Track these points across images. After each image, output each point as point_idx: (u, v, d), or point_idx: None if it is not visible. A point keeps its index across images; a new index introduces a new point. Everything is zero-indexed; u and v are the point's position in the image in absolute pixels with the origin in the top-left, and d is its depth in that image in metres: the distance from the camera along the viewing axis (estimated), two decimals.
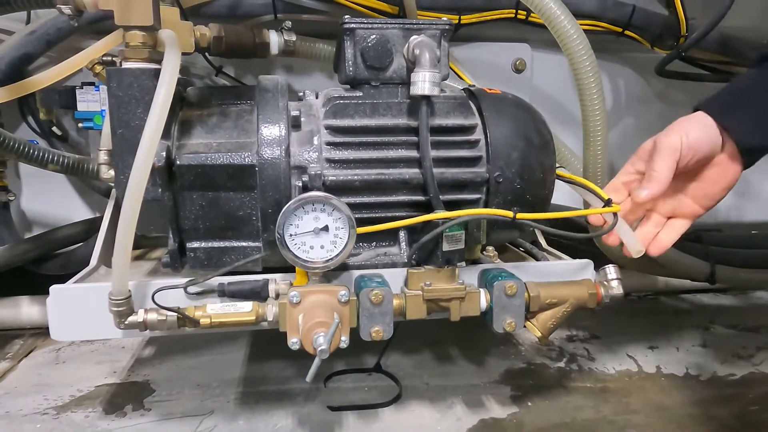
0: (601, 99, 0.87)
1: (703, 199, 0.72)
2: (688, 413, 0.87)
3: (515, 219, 0.70)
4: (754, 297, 1.41)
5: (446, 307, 0.70)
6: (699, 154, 0.67)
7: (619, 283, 0.76)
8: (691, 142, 0.66)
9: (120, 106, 0.69)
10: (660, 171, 0.67)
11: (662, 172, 0.67)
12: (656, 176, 0.67)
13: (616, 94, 1.26)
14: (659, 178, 0.67)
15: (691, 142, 0.66)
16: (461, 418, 0.85)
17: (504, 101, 0.82)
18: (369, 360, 1.01)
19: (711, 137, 0.67)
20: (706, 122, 0.67)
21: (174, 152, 0.70)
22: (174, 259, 0.74)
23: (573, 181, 0.83)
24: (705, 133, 0.67)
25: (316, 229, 0.66)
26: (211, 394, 0.91)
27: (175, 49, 0.65)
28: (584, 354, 1.07)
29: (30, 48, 0.97)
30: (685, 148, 0.66)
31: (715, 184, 0.70)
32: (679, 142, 0.66)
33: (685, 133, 0.67)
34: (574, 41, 0.85)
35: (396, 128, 0.77)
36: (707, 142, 0.67)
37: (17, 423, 0.83)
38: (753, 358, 1.06)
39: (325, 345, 0.59)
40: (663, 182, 0.67)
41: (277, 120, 0.73)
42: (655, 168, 0.68)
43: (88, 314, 0.70)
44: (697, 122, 0.67)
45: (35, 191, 1.14)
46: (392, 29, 0.76)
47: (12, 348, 1.10)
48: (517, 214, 0.70)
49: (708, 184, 0.71)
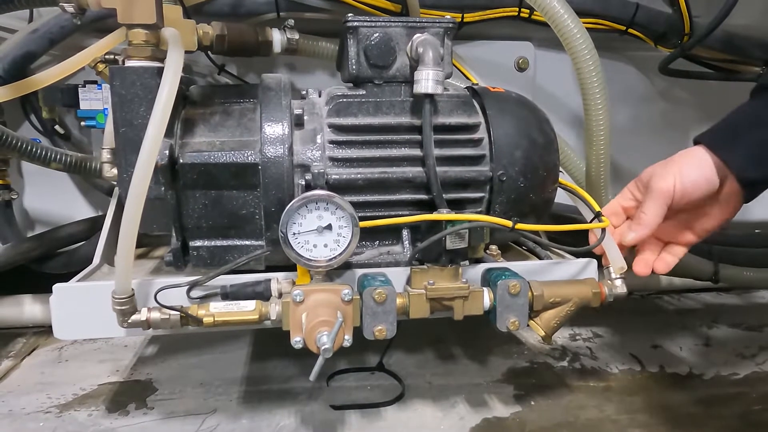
0: (605, 98, 0.87)
1: (701, 231, 0.73)
2: (691, 412, 0.87)
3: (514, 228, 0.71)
4: (757, 296, 1.41)
5: (449, 306, 0.70)
6: (694, 195, 0.67)
7: (622, 282, 0.76)
8: (685, 185, 0.67)
9: (123, 105, 0.69)
10: (648, 215, 0.69)
11: (650, 216, 0.69)
12: (644, 219, 0.69)
13: (618, 92, 1.25)
14: (647, 221, 0.69)
15: (685, 186, 0.67)
16: (464, 417, 0.85)
17: (507, 100, 0.82)
18: (371, 359, 1.01)
19: (708, 177, 0.67)
20: (703, 161, 0.67)
21: (177, 151, 0.70)
22: (177, 257, 0.74)
23: (568, 188, 0.83)
24: (701, 174, 0.66)
25: (320, 228, 0.66)
26: (213, 393, 0.91)
27: (178, 47, 0.65)
28: (587, 353, 1.07)
29: (32, 46, 0.97)
30: (678, 192, 0.67)
31: (714, 218, 0.71)
32: (672, 187, 0.67)
33: (680, 174, 0.67)
34: (577, 40, 0.85)
35: (399, 127, 0.76)
36: (704, 184, 0.67)
37: (20, 421, 0.84)
38: (756, 357, 1.06)
39: (329, 344, 0.59)
40: (650, 226, 0.69)
41: (280, 118, 0.73)
42: (645, 210, 0.69)
43: (91, 313, 0.69)
44: (695, 161, 0.67)
45: (38, 190, 1.14)
46: (395, 27, 0.76)
47: (15, 346, 1.10)
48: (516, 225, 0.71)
49: (706, 219, 0.72)
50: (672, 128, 1.30)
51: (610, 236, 0.75)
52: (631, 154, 1.28)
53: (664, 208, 0.68)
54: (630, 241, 0.72)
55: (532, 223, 0.82)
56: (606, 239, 0.74)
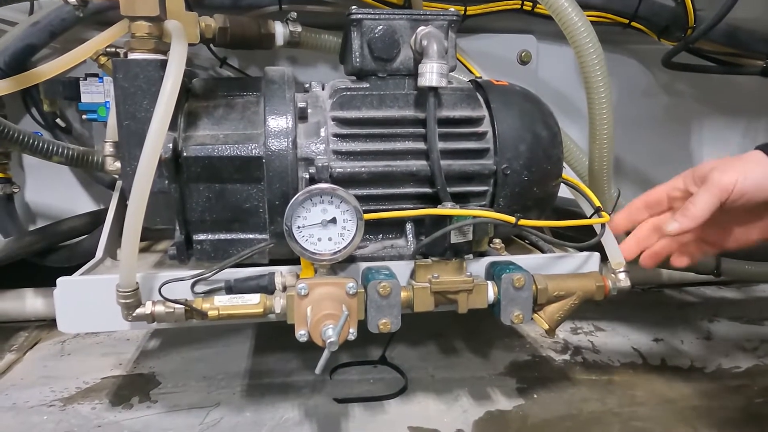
0: (608, 92, 0.87)
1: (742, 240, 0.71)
2: (693, 405, 0.87)
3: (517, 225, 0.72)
4: (758, 290, 1.41)
5: (454, 300, 0.70)
6: (753, 199, 0.63)
7: (626, 276, 0.76)
8: (746, 186, 0.63)
9: (126, 98, 0.69)
10: (698, 207, 0.64)
11: (700, 209, 0.64)
12: (692, 211, 0.65)
13: (621, 86, 1.25)
14: (695, 214, 0.64)
15: (746, 187, 0.63)
16: (467, 410, 0.85)
17: (511, 93, 0.81)
18: (374, 352, 1.01)
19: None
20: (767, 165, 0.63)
21: (180, 144, 0.70)
22: (180, 251, 0.74)
23: (569, 182, 0.83)
24: (765, 179, 0.63)
25: (324, 221, 0.66)
26: (216, 386, 0.92)
27: (181, 40, 0.65)
28: (589, 346, 1.08)
29: (33, 39, 0.96)
30: (737, 191, 0.63)
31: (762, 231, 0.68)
32: (734, 183, 0.63)
33: (743, 172, 0.63)
34: (581, 33, 0.84)
35: (403, 120, 0.76)
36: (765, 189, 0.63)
37: (24, 414, 0.84)
38: (757, 350, 1.06)
39: (335, 337, 0.59)
40: (697, 219, 0.64)
41: (284, 111, 0.73)
42: (695, 202, 0.65)
43: (95, 306, 0.69)
44: (762, 165, 0.63)
45: (39, 183, 1.14)
46: (399, 20, 0.75)
47: (17, 340, 1.10)
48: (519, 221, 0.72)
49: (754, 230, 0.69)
50: (674, 122, 1.30)
51: (610, 231, 0.75)
52: (634, 148, 1.28)
53: (716, 204, 0.63)
54: (672, 231, 0.66)
55: (536, 217, 0.83)
56: (606, 234, 0.74)
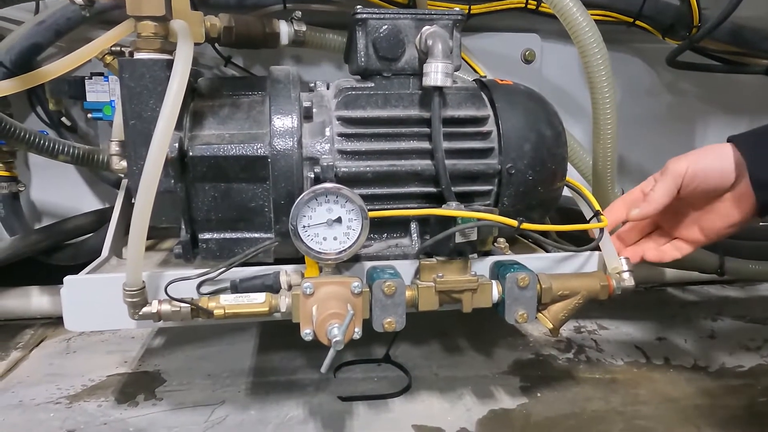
0: (612, 91, 0.87)
1: (709, 231, 0.73)
2: (696, 404, 0.88)
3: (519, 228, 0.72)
4: (761, 289, 1.41)
5: (458, 299, 0.71)
6: (704, 184, 0.69)
7: (630, 275, 0.76)
8: (696, 170, 0.68)
9: (132, 97, 0.69)
10: (657, 193, 0.71)
11: (658, 194, 0.71)
12: (651, 196, 0.71)
13: (625, 85, 1.25)
14: (654, 199, 0.71)
15: (696, 171, 0.68)
16: (471, 408, 0.86)
17: (516, 92, 0.81)
18: (377, 351, 1.02)
19: (723, 169, 0.68)
20: (724, 154, 0.68)
21: (186, 143, 0.70)
22: (186, 250, 0.74)
23: (570, 185, 0.84)
24: (717, 164, 0.68)
25: (329, 221, 0.66)
26: (221, 384, 0.92)
27: (187, 39, 0.65)
28: (592, 345, 1.08)
29: (39, 38, 0.97)
30: (689, 175, 0.69)
31: (723, 219, 0.71)
32: (684, 169, 0.69)
33: (695, 160, 0.69)
34: (585, 32, 0.85)
35: (408, 119, 0.76)
36: (717, 174, 0.68)
37: (31, 412, 0.84)
38: (761, 349, 1.06)
39: (340, 336, 0.60)
40: (656, 204, 0.71)
41: (290, 111, 0.73)
42: (655, 189, 0.71)
43: (101, 305, 0.70)
44: (715, 152, 0.69)
45: (44, 182, 1.14)
46: (404, 19, 0.75)
47: (23, 338, 1.10)
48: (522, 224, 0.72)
49: (716, 217, 0.72)
50: (678, 121, 1.30)
51: (608, 235, 0.77)
52: (637, 148, 1.28)
53: (672, 189, 0.69)
54: (633, 216, 0.73)
55: (540, 216, 0.83)
56: (603, 238, 0.76)
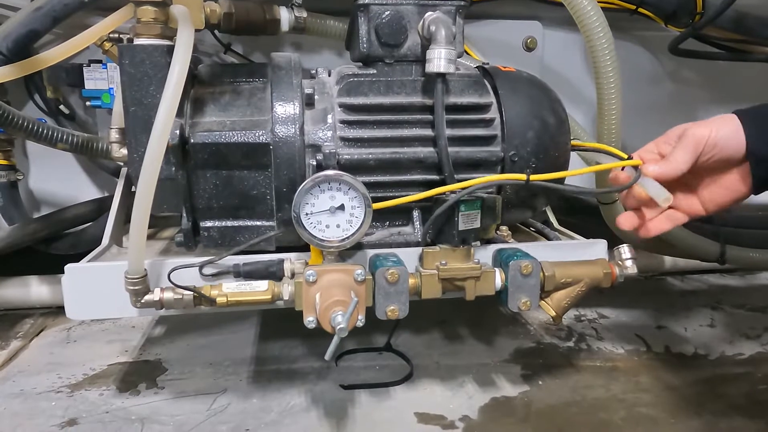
0: (617, 77, 0.86)
1: (710, 203, 0.72)
2: (696, 392, 0.88)
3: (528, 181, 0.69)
4: (761, 277, 1.42)
5: (461, 287, 0.70)
6: (722, 153, 0.67)
7: (633, 263, 0.76)
8: (718, 138, 0.66)
9: (132, 84, 0.68)
10: (677, 159, 0.68)
11: (680, 159, 0.68)
12: (673, 160, 0.68)
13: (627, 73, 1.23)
14: (675, 162, 0.68)
15: (718, 139, 0.66)
16: (473, 396, 0.86)
17: (519, 79, 0.81)
18: (378, 339, 1.02)
19: (739, 140, 0.67)
20: (737, 124, 0.67)
21: (187, 130, 0.70)
22: (188, 238, 0.74)
23: (588, 147, 0.82)
24: (734, 134, 0.66)
25: (332, 208, 0.66)
26: (223, 373, 0.92)
27: (188, 25, 0.64)
28: (593, 333, 1.08)
29: (36, 25, 0.95)
30: (710, 142, 0.66)
31: (728, 192, 0.70)
32: (707, 135, 0.66)
33: (716, 128, 0.67)
34: (591, 17, 0.84)
35: (411, 106, 0.76)
36: (734, 144, 0.67)
37: (33, 401, 0.84)
38: (761, 337, 1.07)
39: (344, 323, 0.59)
40: (677, 168, 0.68)
41: (291, 98, 0.72)
42: (675, 155, 0.68)
43: (103, 293, 0.70)
44: (732, 122, 0.67)
45: (43, 170, 1.13)
46: (407, 5, 0.75)
47: (23, 327, 1.10)
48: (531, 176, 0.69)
49: (721, 190, 0.71)
50: (680, 109, 1.29)
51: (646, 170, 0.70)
52: (639, 135, 1.26)
53: (694, 155, 0.67)
54: (650, 173, 0.69)
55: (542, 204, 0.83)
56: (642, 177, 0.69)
